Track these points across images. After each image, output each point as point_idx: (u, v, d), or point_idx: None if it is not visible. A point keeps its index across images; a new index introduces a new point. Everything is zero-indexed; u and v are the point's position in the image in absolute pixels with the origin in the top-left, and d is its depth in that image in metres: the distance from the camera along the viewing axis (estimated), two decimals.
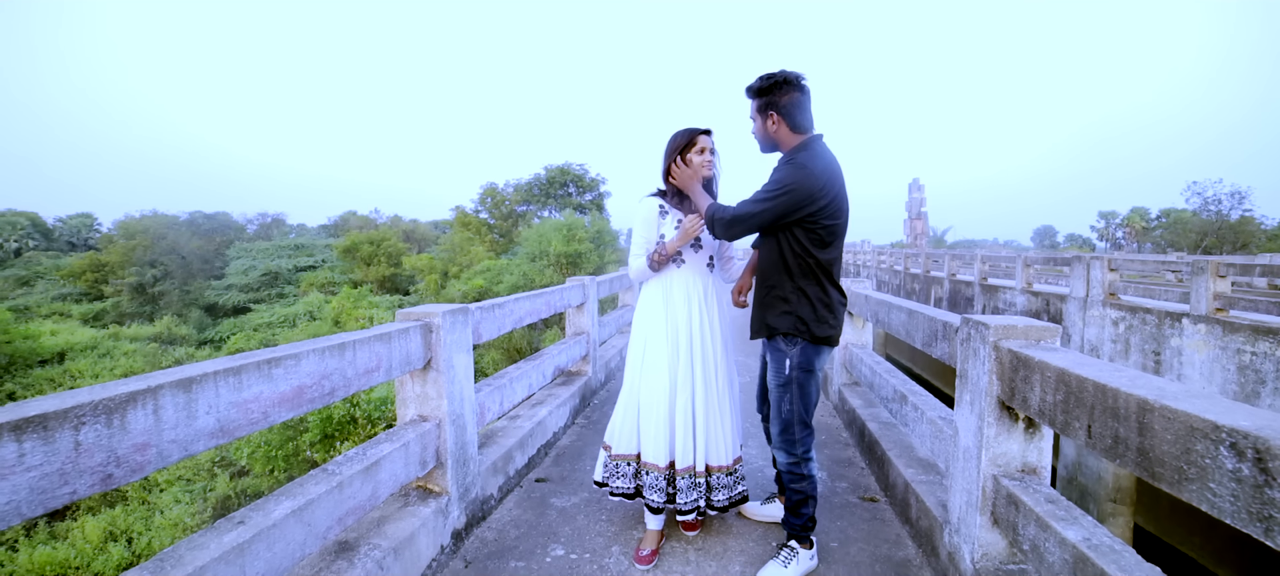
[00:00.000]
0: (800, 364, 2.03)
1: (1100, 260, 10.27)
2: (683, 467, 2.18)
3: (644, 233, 2.24)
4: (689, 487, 2.17)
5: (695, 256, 2.26)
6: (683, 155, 2.15)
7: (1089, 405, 1.25)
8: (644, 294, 2.31)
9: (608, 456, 2.33)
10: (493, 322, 2.76)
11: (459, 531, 2.32)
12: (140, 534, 11.93)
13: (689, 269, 2.26)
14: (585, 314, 4.48)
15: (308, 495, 1.55)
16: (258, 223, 50.56)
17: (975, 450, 1.76)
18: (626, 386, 2.31)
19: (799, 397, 2.05)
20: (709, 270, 2.31)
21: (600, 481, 2.36)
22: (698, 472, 2.19)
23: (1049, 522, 1.42)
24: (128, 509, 13.08)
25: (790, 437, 2.08)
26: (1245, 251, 26.62)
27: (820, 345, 2.03)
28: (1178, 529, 9.85)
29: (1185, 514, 9.75)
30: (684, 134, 2.17)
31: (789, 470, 2.11)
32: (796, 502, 2.12)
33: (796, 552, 2.10)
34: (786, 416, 2.07)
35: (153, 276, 34.30)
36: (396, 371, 2.02)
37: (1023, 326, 1.66)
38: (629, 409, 2.28)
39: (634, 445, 2.25)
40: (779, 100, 1.95)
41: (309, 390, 1.57)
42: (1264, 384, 7.35)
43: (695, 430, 2.19)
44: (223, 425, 1.25)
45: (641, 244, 2.25)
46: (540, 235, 22.02)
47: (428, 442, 2.17)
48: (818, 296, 1.99)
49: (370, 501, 1.83)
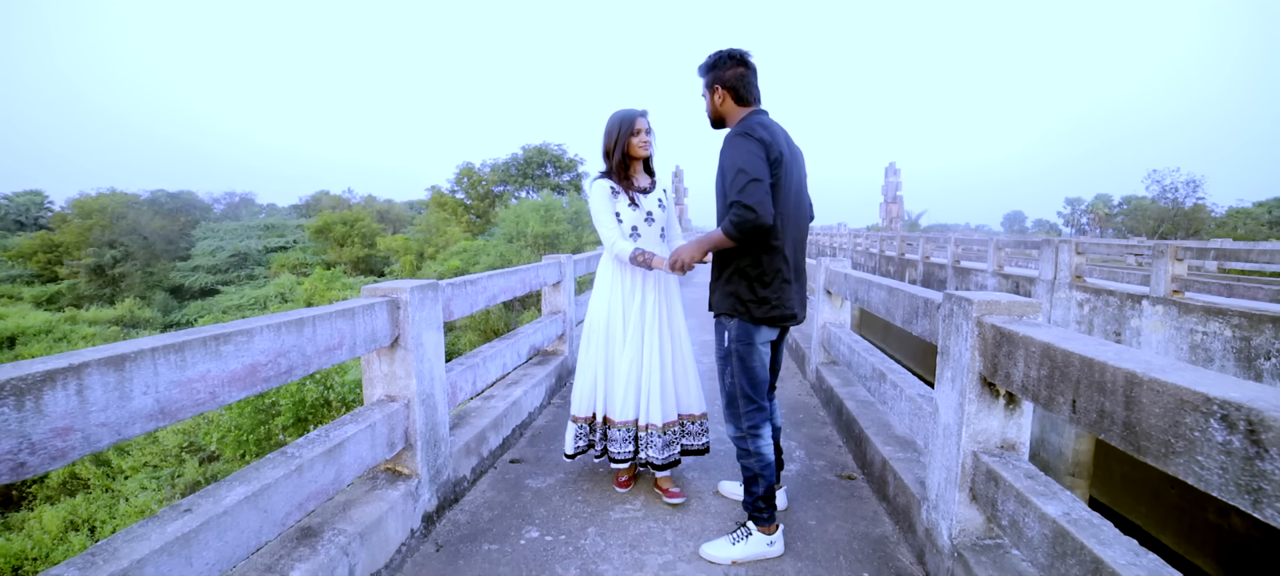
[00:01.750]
0: (738, 337, 2.05)
1: (1068, 244, 10.53)
2: (658, 423, 2.39)
3: (604, 212, 2.36)
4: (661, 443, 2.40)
5: (649, 229, 2.42)
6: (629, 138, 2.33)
7: (1074, 380, 1.23)
8: (602, 268, 2.50)
9: (577, 426, 2.52)
10: (464, 299, 2.67)
11: (430, 514, 2.24)
12: (104, 522, 11.54)
13: (644, 242, 2.41)
14: (562, 292, 4.40)
15: (264, 480, 1.45)
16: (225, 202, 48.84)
17: (955, 427, 1.75)
18: (586, 351, 2.48)
19: (740, 371, 2.06)
20: (662, 240, 2.47)
21: (571, 453, 2.53)
22: (666, 427, 2.41)
23: (1029, 498, 1.41)
24: (90, 497, 12.63)
25: (734, 411, 2.11)
26: (1197, 236, 27.86)
27: (761, 325, 2.03)
28: (1127, 498, 10.35)
29: (1134, 485, 10.24)
30: (626, 121, 2.32)
31: (736, 443, 2.12)
32: (747, 479, 2.10)
33: (750, 533, 2.05)
34: (729, 389, 2.11)
35: (112, 257, 32.89)
36: (361, 349, 1.92)
37: (1006, 302, 1.64)
38: (591, 372, 2.47)
39: (600, 407, 2.46)
40: (725, 75, 2.02)
41: (263, 368, 1.47)
42: (1212, 361, 7.67)
43: (663, 388, 2.41)
44: (163, 406, 1.15)
45: (610, 222, 2.36)
46: (517, 216, 21.72)
47: (396, 423, 2.09)
48: (756, 274, 1.98)
49: (333, 485, 1.74)
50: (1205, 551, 9.08)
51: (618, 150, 2.33)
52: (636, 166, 2.42)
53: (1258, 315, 7.04)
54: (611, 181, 2.37)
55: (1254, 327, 7.05)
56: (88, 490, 13.16)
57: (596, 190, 2.37)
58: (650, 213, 2.39)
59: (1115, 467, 10.41)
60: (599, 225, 2.37)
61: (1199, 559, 9.07)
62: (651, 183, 2.46)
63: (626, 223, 2.36)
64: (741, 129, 1.92)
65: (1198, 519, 9.22)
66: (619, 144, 2.32)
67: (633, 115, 2.33)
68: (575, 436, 2.54)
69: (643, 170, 2.45)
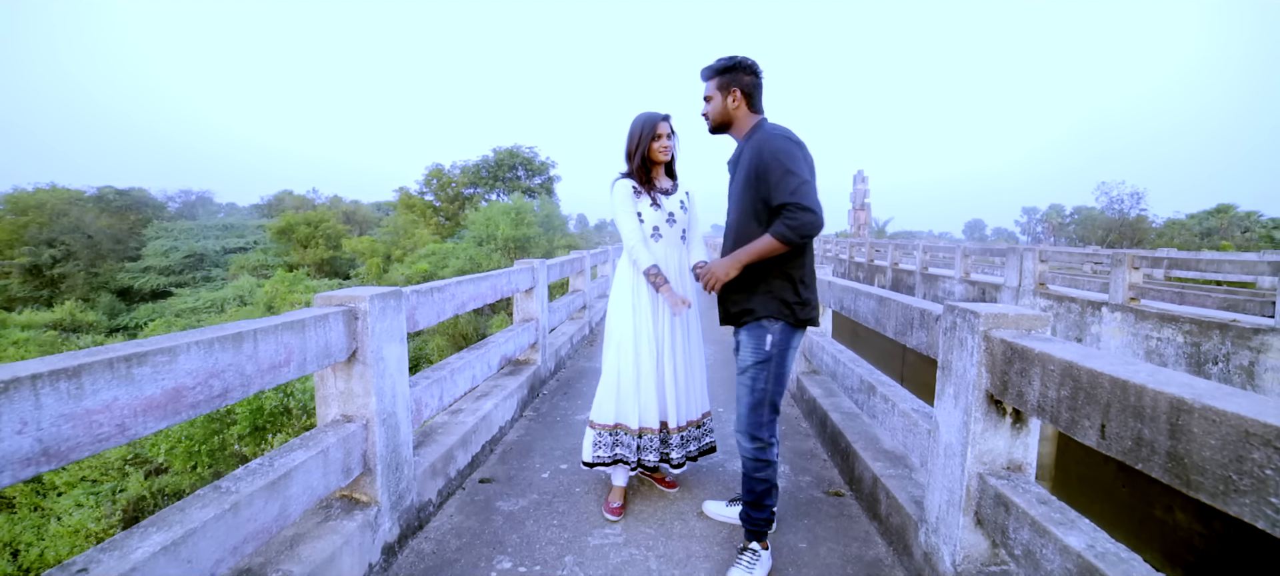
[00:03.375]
0: (780, 341, 1.98)
1: (1032, 252, 10.81)
2: (673, 427, 2.43)
3: (627, 212, 2.34)
4: (679, 443, 2.44)
5: (670, 230, 2.41)
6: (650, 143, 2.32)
7: (1103, 403, 1.13)
8: (622, 270, 2.44)
9: (597, 433, 2.45)
10: (431, 308, 2.46)
11: (391, 545, 2.04)
12: (30, 544, 10.68)
13: (665, 244, 2.39)
14: (534, 299, 4.21)
15: (189, 523, 1.24)
16: (181, 200, 46.53)
17: (959, 447, 1.65)
18: (612, 357, 2.44)
19: (774, 378, 1.99)
20: (683, 242, 2.45)
21: (590, 462, 2.45)
22: (681, 428, 2.45)
23: (1047, 528, 1.30)
24: (14, 516, 11.69)
25: (759, 419, 1.99)
26: (1140, 245, 29.62)
27: (800, 328, 2.01)
28: (1083, 497, 10.69)
29: (1089, 484, 10.59)
30: (649, 124, 2.32)
31: (755, 457, 2.01)
32: (760, 493, 2.01)
33: (758, 554, 2.00)
34: (759, 395, 1.99)
35: (51, 257, 30.90)
36: (312, 365, 1.71)
37: (1014, 315, 1.55)
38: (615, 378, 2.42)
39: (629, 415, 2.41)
40: (743, 79, 1.99)
41: (190, 393, 1.26)
42: (1166, 365, 7.96)
43: (679, 391, 2.43)
44: (48, 447, 0.94)
45: (632, 223, 2.33)
46: (488, 218, 21.29)
47: (353, 447, 1.88)
48: (799, 275, 1.96)
49: (278, 521, 1.53)
50: (1151, 545, 9.44)
51: (639, 153, 2.33)
52: (658, 170, 2.41)
53: (1206, 321, 7.32)
54: (634, 182, 2.37)
55: (1203, 333, 7.33)
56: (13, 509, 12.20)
57: (619, 190, 2.35)
58: (672, 214, 2.39)
59: (1073, 468, 10.75)
60: (621, 225, 2.35)
61: (1145, 552, 9.41)
62: (673, 185, 2.45)
63: (648, 223, 2.34)
64: (783, 132, 1.90)
65: (1146, 515, 9.58)
66: (640, 147, 2.33)
67: (655, 119, 2.33)
68: (594, 444, 2.44)
69: (665, 172, 2.45)
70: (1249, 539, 7.51)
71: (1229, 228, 32.69)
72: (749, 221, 1.94)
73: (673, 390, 2.41)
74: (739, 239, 1.98)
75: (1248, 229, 32.60)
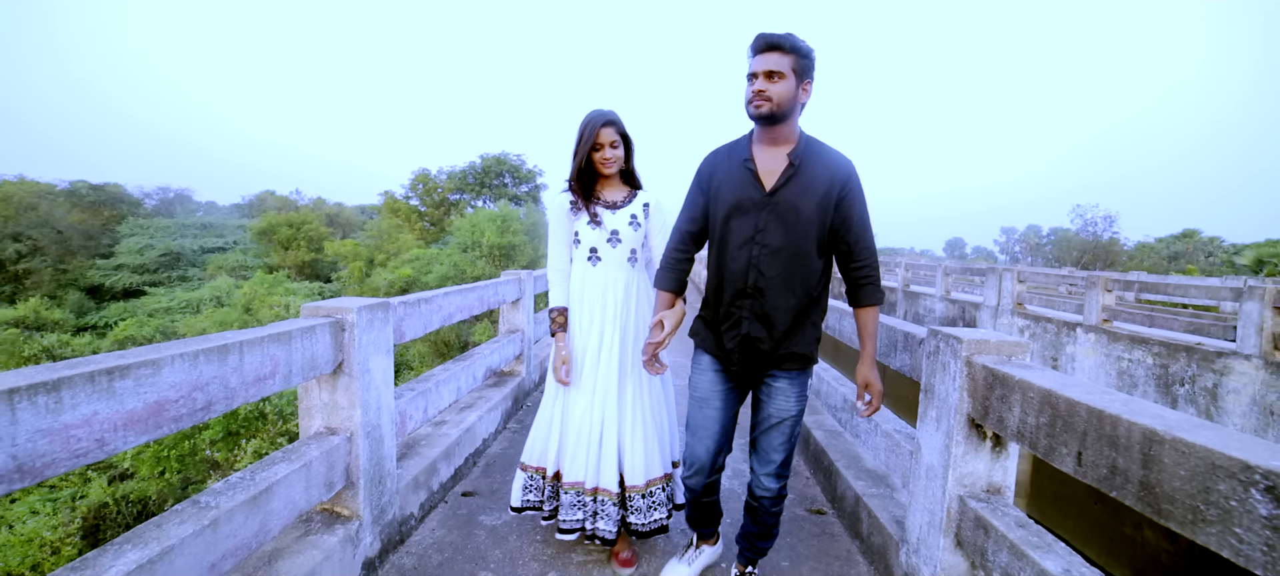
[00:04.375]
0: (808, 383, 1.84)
1: (1011, 272, 11.06)
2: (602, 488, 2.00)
3: (558, 231, 2.07)
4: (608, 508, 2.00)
5: (613, 252, 2.06)
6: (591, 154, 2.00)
7: (1080, 431, 1.17)
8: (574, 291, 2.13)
9: (525, 477, 2.16)
10: (418, 320, 2.45)
11: (372, 560, 2.00)
12: None
13: (606, 267, 2.07)
14: (520, 310, 4.19)
15: (165, 541, 1.22)
16: (159, 197, 45.52)
17: (940, 469, 1.68)
18: (547, 390, 2.16)
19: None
20: (631, 264, 2.09)
21: (517, 506, 2.16)
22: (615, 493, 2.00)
23: (1025, 551, 1.33)
24: None
25: (789, 468, 1.85)
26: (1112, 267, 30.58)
27: None
28: (1057, 514, 10.91)
29: (1063, 501, 10.80)
30: (589, 129, 1.98)
31: (779, 497, 1.85)
32: (770, 526, 1.92)
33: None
34: (794, 444, 1.83)
35: (16, 252, 29.98)
36: (298, 378, 1.69)
37: (996, 342, 1.59)
38: (547, 417, 2.14)
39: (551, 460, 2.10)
40: (813, 74, 1.64)
41: (173, 406, 1.23)
42: (1135, 387, 8.18)
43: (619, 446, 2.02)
44: (22, 463, 0.92)
45: (558, 244, 2.09)
46: (473, 225, 21.16)
47: (336, 460, 1.85)
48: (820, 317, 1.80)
49: (257, 537, 1.50)
50: (1122, 562, 9.66)
51: (575, 162, 2.02)
52: (607, 181, 2.09)
53: (1174, 344, 7.55)
54: (572, 195, 2.06)
55: (1171, 356, 7.56)
56: None
57: (554, 204, 2.10)
58: (616, 232, 2.03)
59: (1046, 485, 10.97)
60: (548, 245, 2.10)
61: (1116, 568, 9.65)
62: (629, 196, 2.11)
63: (585, 244, 2.05)
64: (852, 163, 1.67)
65: (1117, 532, 9.82)
66: (578, 154, 2.00)
67: (596, 123, 1.97)
68: (523, 487, 2.15)
69: (621, 180, 2.12)
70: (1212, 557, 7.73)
71: (1194, 252, 33.87)
72: (809, 248, 1.64)
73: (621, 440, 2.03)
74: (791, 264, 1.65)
75: (1211, 254, 33.83)
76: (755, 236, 1.64)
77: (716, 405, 1.81)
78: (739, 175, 1.67)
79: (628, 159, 2.08)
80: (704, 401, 1.82)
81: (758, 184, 1.64)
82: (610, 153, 1.99)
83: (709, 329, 1.81)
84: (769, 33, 1.58)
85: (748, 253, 1.65)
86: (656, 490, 2.04)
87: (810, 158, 1.63)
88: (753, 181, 1.65)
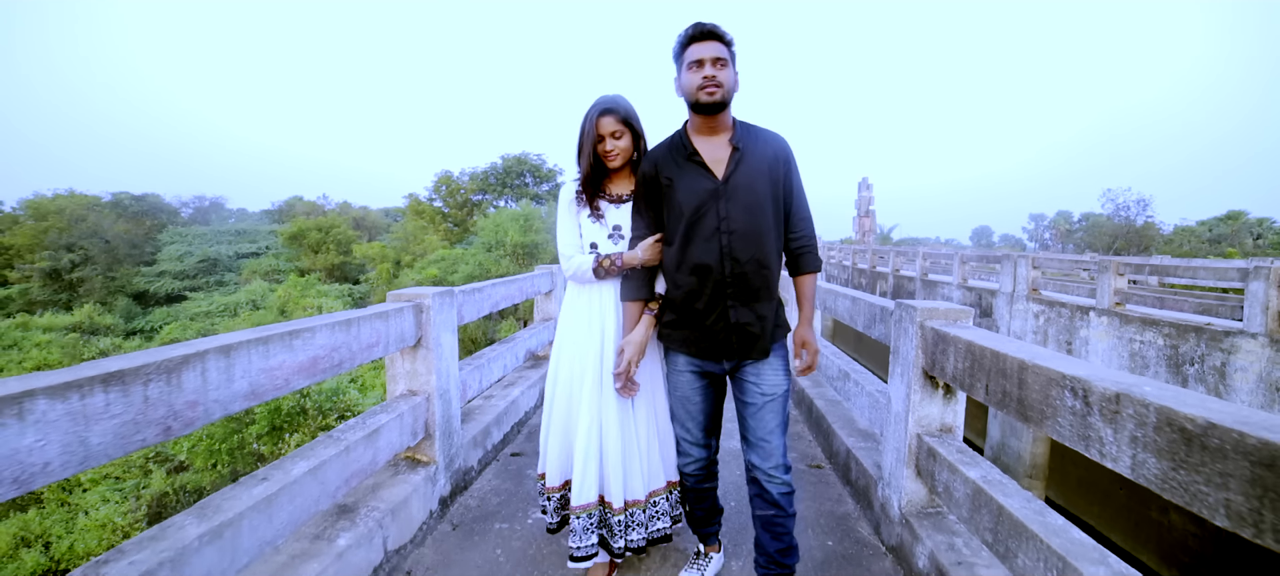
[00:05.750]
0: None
1: (1026, 259, 11.20)
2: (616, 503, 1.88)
3: (565, 223, 1.96)
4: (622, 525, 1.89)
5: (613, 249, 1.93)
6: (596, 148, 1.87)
7: (987, 369, 1.57)
8: (569, 299, 2.00)
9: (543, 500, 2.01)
10: (474, 305, 2.93)
11: (445, 498, 2.49)
12: (60, 537, 11.19)
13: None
14: (553, 300, 4.66)
15: (320, 457, 1.70)
16: (194, 206, 47.58)
17: (904, 414, 2.08)
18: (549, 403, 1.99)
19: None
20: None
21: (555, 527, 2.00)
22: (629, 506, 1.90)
23: (957, 466, 1.74)
24: (43, 511, 12.20)
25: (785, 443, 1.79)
26: (1146, 253, 29.61)
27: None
28: (1080, 499, 11.00)
29: (1087, 487, 10.90)
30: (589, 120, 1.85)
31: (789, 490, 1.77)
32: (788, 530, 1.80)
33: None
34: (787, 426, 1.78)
35: (70, 261, 31.74)
36: (392, 348, 2.17)
37: (944, 309, 1.99)
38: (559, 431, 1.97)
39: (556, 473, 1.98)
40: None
41: (322, 360, 1.72)
42: (1147, 368, 8.33)
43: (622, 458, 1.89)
44: (254, 388, 1.40)
45: (570, 235, 1.95)
46: (496, 225, 21.82)
47: (418, 415, 2.33)
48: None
49: (370, 466, 1.99)
50: (1148, 545, 9.76)
51: (583, 156, 1.88)
52: (617, 175, 1.95)
53: (1183, 325, 7.70)
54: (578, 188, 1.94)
55: (1180, 337, 7.71)
56: (41, 504, 12.69)
57: (560, 199, 1.99)
58: (618, 227, 1.91)
59: (1070, 470, 11.08)
60: (557, 240, 1.99)
61: (1144, 553, 9.75)
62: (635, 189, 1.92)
63: (586, 238, 1.93)
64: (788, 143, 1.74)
65: (1143, 517, 9.91)
66: (584, 152, 1.87)
67: (594, 113, 1.84)
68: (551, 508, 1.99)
69: (630, 173, 1.96)
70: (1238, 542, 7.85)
71: (1239, 234, 32.47)
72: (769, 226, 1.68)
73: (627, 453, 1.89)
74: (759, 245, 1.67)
75: (1260, 235, 32.40)
76: (721, 225, 1.65)
77: (697, 402, 1.83)
78: (688, 169, 1.68)
79: (636, 148, 1.92)
80: (686, 399, 1.83)
81: (710, 174, 1.66)
82: (613, 143, 1.84)
83: (684, 328, 1.75)
84: (706, 22, 1.62)
85: (717, 242, 1.65)
86: (660, 499, 1.98)
87: (750, 139, 1.69)
88: (704, 172, 1.66)
